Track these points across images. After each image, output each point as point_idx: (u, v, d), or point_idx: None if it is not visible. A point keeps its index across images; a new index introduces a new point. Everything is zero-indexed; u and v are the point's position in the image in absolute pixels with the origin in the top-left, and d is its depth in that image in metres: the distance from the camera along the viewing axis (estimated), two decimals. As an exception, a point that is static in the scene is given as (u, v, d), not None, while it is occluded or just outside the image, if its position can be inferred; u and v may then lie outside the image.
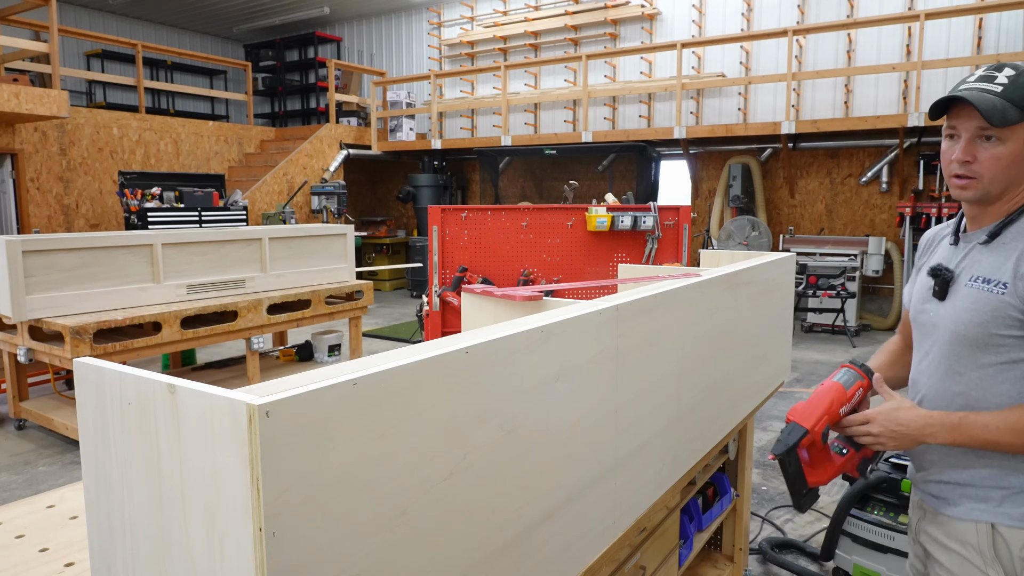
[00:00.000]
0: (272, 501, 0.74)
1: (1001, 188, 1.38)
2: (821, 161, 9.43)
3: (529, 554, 1.22)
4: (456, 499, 1.02)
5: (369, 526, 0.86)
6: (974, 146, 1.37)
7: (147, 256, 4.64)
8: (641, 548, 2.00)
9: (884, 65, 8.42)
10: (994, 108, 1.31)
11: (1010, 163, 1.35)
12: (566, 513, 1.33)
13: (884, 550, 2.68)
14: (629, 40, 10.86)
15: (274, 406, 0.73)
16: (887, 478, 2.72)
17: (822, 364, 6.96)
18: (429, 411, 0.95)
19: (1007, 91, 1.33)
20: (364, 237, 12.29)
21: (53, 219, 9.25)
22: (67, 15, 12.10)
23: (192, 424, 0.82)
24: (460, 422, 1.01)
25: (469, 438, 1.03)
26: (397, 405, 0.89)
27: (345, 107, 13.07)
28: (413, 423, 0.92)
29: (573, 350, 1.29)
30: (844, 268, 8.11)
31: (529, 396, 1.17)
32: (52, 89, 7.70)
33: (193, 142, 10.94)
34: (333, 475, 0.81)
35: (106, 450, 1.02)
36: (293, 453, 0.76)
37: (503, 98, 10.81)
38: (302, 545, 0.78)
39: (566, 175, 11.15)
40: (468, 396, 1.02)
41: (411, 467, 0.92)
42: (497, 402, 1.09)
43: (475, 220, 4.58)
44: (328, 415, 0.80)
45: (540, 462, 1.23)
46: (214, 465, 0.80)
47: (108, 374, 0.98)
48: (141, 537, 0.97)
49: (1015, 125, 1.33)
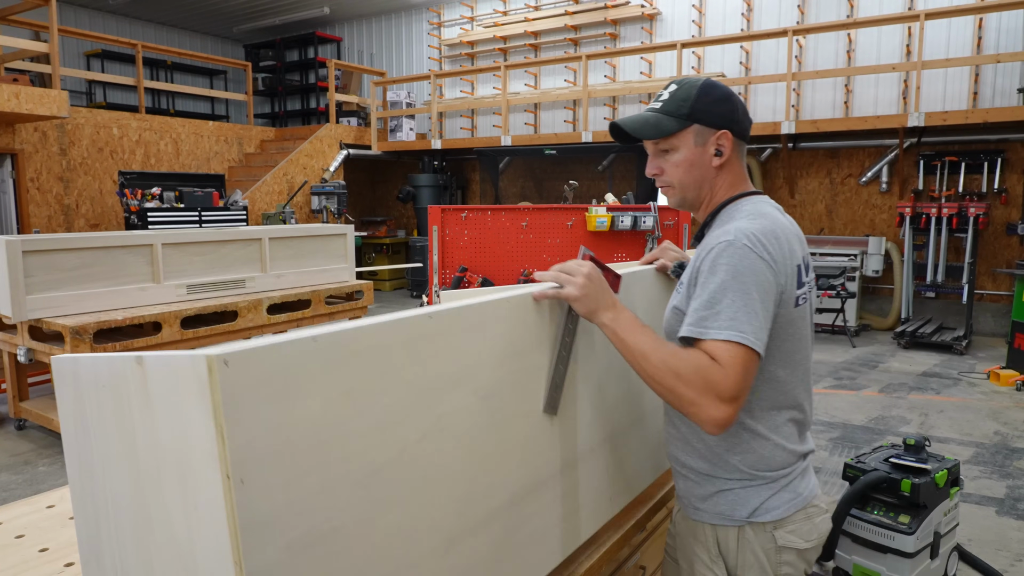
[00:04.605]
0: (238, 448, 0.76)
1: (695, 191, 1.48)
2: (821, 161, 9.42)
3: (519, 525, 1.23)
4: (434, 462, 1.03)
5: (343, 481, 0.88)
6: (659, 159, 1.49)
7: (147, 256, 4.63)
8: (641, 548, 2.00)
9: (884, 65, 8.41)
10: (646, 124, 1.44)
11: (689, 166, 1.45)
12: (557, 485, 1.34)
13: (884, 550, 2.68)
14: (629, 40, 10.86)
15: (232, 356, 0.76)
16: (887, 478, 2.72)
17: (822, 364, 6.96)
18: (396, 372, 0.97)
19: (665, 105, 1.45)
20: (364, 237, 12.28)
21: (53, 219, 9.24)
22: (67, 15, 12.09)
23: (160, 389, 0.85)
24: (431, 384, 1.03)
25: (442, 401, 1.05)
26: (361, 364, 0.92)
27: (345, 107, 13.07)
28: (380, 383, 0.95)
29: (543, 320, 1.31)
30: (844, 268, 8.11)
31: (505, 365, 1.19)
32: (52, 89, 7.70)
33: (193, 142, 10.93)
34: (301, 428, 0.83)
35: (86, 440, 1.04)
36: (256, 403, 0.78)
37: (503, 98, 10.81)
38: (273, 495, 0.80)
39: (566, 175, 11.15)
40: (436, 360, 1.04)
41: (382, 426, 0.95)
42: (469, 368, 1.11)
43: (475, 220, 4.58)
44: (290, 369, 0.82)
45: (523, 433, 1.24)
46: (183, 423, 0.81)
47: (83, 363, 1.01)
48: (125, 520, 0.98)
49: (679, 132, 1.44)
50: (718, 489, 1.46)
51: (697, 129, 1.44)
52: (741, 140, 1.48)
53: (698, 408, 1.24)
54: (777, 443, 1.44)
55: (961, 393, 5.91)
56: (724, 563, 1.47)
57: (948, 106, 8.46)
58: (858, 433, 4.89)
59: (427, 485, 1.03)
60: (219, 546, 0.79)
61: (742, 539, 1.45)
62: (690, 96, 1.44)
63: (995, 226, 8.27)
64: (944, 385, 6.16)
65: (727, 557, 1.47)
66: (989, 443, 4.68)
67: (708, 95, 1.44)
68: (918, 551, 2.65)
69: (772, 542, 1.44)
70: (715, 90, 1.45)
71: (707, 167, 1.46)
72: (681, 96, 1.44)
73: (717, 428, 1.25)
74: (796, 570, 1.47)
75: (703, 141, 1.44)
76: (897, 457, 2.83)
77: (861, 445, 4.63)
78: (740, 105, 1.47)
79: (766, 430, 1.43)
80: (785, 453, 1.45)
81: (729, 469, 1.45)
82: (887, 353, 7.48)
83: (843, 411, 5.41)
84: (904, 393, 5.91)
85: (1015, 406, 5.53)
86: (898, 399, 5.73)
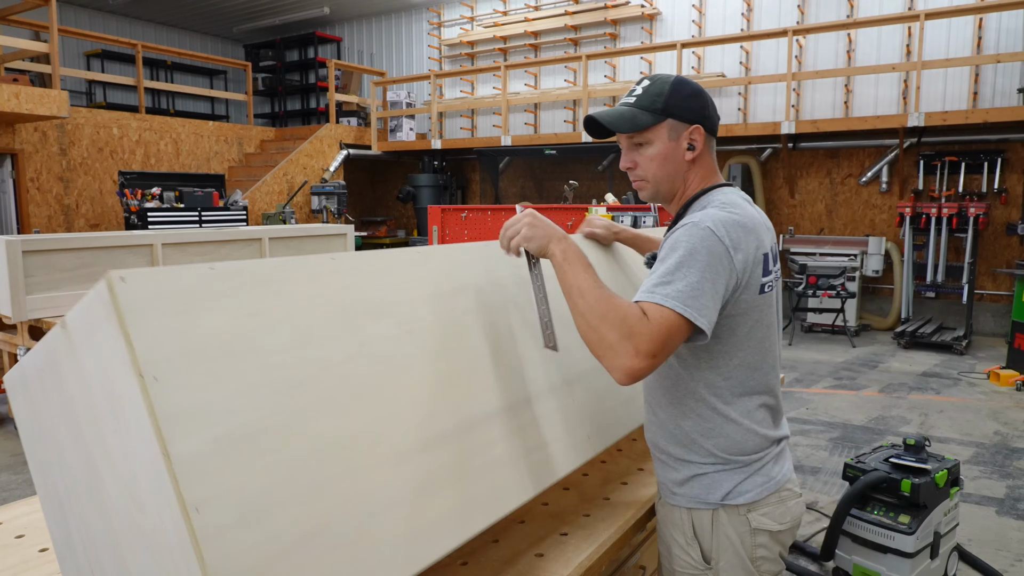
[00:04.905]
0: (146, 350, 0.86)
1: (669, 184, 1.51)
2: (821, 161, 9.43)
3: (474, 451, 1.28)
4: (366, 382, 1.11)
5: (264, 389, 0.97)
6: (633, 153, 1.51)
7: (147, 256, 4.64)
8: (641, 548, 2.00)
9: (884, 65, 8.41)
10: (621, 118, 1.47)
11: (663, 160, 1.49)
12: (511, 420, 1.40)
13: (884, 550, 2.68)
14: (629, 40, 10.86)
15: (128, 274, 0.88)
16: (887, 478, 2.73)
17: (822, 364, 6.96)
18: (308, 300, 1.08)
19: (639, 100, 1.48)
20: (364, 237, 12.28)
21: (53, 219, 9.24)
22: (67, 15, 12.09)
23: (81, 333, 0.95)
24: (347, 314, 1.13)
25: (363, 329, 1.14)
26: (267, 292, 1.03)
27: (345, 107, 13.07)
28: (290, 308, 1.05)
29: (463, 271, 1.44)
30: (844, 268, 8.11)
31: (428, 305, 1.29)
32: (52, 89, 7.70)
33: (193, 142, 10.93)
34: (209, 338, 0.93)
35: (40, 433, 1.13)
36: (159, 315, 0.89)
37: (503, 98, 10.81)
38: (190, 392, 0.89)
39: (566, 175, 11.15)
40: (348, 293, 1.14)
41: (300, 345, 1.04)
42: (386, 303, 1.22)
43: (475, 220, 4.58)
44: (190, 289, 0.94)
45: (461, 367, 1.32)
46: (101, 351, 0.91)
47: (26, 362, 1.11)
48: (81, 490, 1.06)
49: (653, 127, 1.47)
50: (693, 474, 1.50)
51: (671, 123, 1.47)
52: (711, 135, 1.51)
53: (614, 353, 1.26)
54: (749, 428, 1.48)
55: (961, 393, 5.91)
56: (699, 546, 1.51)
57: (948, 106, 8.46)
58: (858, 433, 4.89)
59: (361, 402, 1.09)
60: (147, 442, 0.86)
61: (716, 522, 1.49)
62: (663, 91, 1.47)
63: (995, 226, 8.28)
64: (944, 385, 6.17)
65: (702, 540, 1.51)
66: (989, 443, 4.68)
67: (680, 91, 1.47)
68: (918, 551, 2.66)
69: (746, 525, 1.48)
70: (687, 86, 1.48)
71: (680, 161, 1.49)
72: (655, 91, 1.47)
73: (627, 378, 1.27)
74: (770, 552, 1.51)
75: (676, 135, 1.48)
76: (897, 457, 2.83)
77: (861, 445, 4.63)
78: (710, 101, 1.51)
79: (738, 415, 1.47)
80: (758, 438, 1.49)
81: (703, 453, 1.49)
82: (887, 353, 7.48)
83: (843, 411, 5.41)
84: (904, 393, 5.92)
85: (1015, 406, 5.53)
86: (898, 399, 5.74)
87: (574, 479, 1.96)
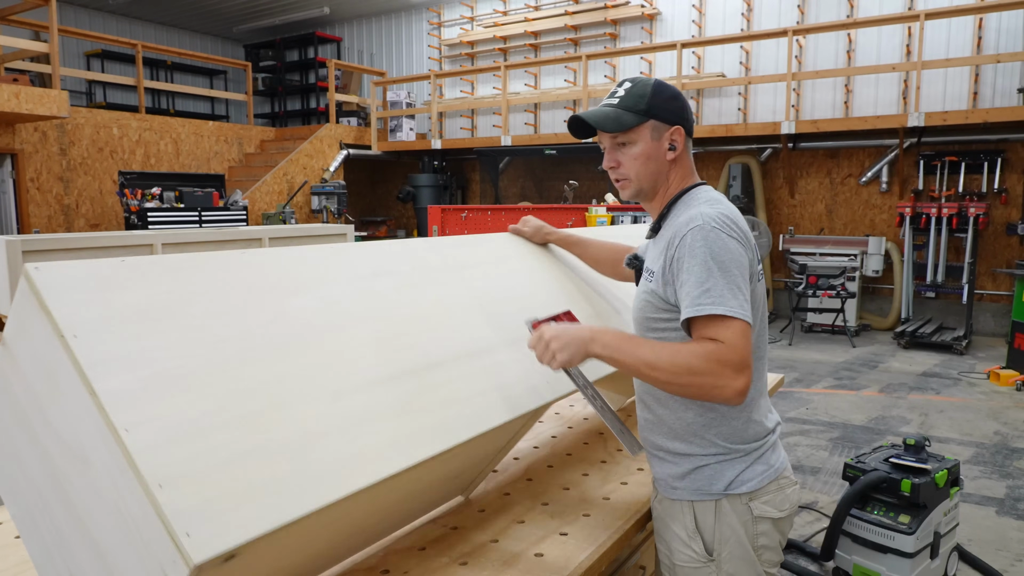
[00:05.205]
0: (64, 317, 0.98)
1: (651, 183, 1.56)
2: (821, 161, 9.42)
3: (420, 392, 1.36)
4: (291, 339, 1.22)
5: (185, 344, 1.07)
6: (616, 153, 1.56)
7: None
8: (641, 548, 2.00)
9: (884, 65, 8.41)
10: (607, 118, 1.52)
11: (646, 159, 1.53)
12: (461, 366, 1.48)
13: (884, 550, 2.68)
14: (629, 40, 10.86)
15: (42, 264, 1.02)
16: (887, 478, 2.73)
17: (822, 364, 6.96)
18: (223, 282, 1.20)
19: (623, 101, 1.53)
20: (364, 237, 12.27)
21: (53, 219, 9.24)
22: (67, 15, 12.09)
23: (15, 338, 1.07)
24: (265, 291, 1.25)
25: (284, 302, 1.26)
26: (178, 276, 1.15)
27: (345, 107, 13.07)
28: (206, 287, 1.17)
29: (383, 260, 1.56)
30: (844, 268, 8.11)
31: (347, 283, 1.41)
32: (52, 89, 7.70)
33: (193, 142, 10.93)
34: (126, 308, 1.05)
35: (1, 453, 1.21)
36: (74, 292, 1.01)
37: (503, 98, 10.81)
38: (109, 346, 0.99)
39: (566, 175, 11.15)
40: (265, 277, 1.27)
41: (219, 314, 1.15)
42: (306, 284, 1.33)
43: (475, 220, 4.58)
44: (103, 276, 1.06)
45: (393, 329, 1.41)
46: (32, 341, 1.02)
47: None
48: (46, 494, 1.13)
49: (637, 127, 1.52)
50: (695, 466, 1.53)
51: (653, 124, 1.52)
52: (689, 136, 1.58)
53: (721, 389, 1.32)
54: (750, 416, 1.52)
55: (961, 393, 5.91)
56: (702, 539, 1.53)
57: (948, 106, 8.46)
58: (858, 433, 4.89)
59: (288, 352, 1.19)
60: (76, 389, 0.95)
61: (719, 512, 1.52)
62: (646, 93, 1.52)
63: (995, 226, 8.27)
64: (944, 385, 6.17)
65: (704, 532, 1.53)
66: (989, 443, 4.68)
67: (661, 93, 1.53)
68: (918, 551, 2.65)
69: (748, 513, 1.51)
70: (667, 89, 1.55)
71: (662, 160, 1.55)
72: (637, 93, 1.53)
73: (742, 397, 1.34)
74: (771, 540, 1.55)
75: (659, 136, 1.53)
76: (897, 457, 2.83)
77: (861, 445, 4.63)
78: (688, 104, 1.58)
79: (751, 398, 1.51)
80: (757, 426, 1.54)
81: (705, 445, 1.52)
82: (887, 353, 7.48)
83: (843, 411, 5.41)
84: (904, 393, 5.91)
85: (1015, 406, 5.53)
86: (898, 399, 5.74)
87: (574, 479, 1.96)
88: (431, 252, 1.67)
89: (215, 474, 0.97)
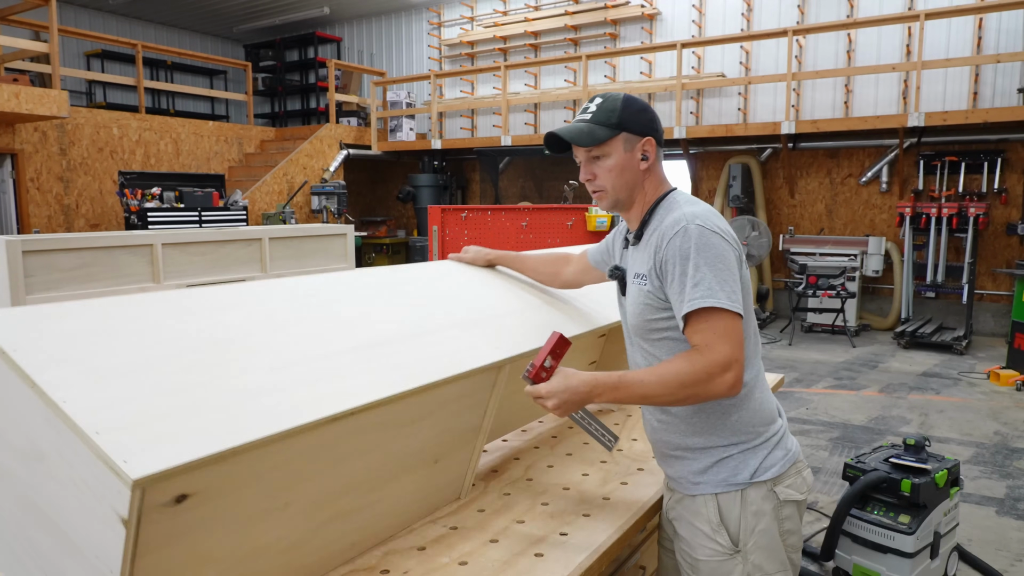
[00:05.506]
0: (4, 338, 1.14)
1: (627, 193, 1.63)
2: (821, 161, 9.42)
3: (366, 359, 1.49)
4: (221, 339, 1.37)
5: (122, 350, 1.22)
6: (591, 165, 1.63)
7: (147, 256, 4.63)
8: (641, 548, 2.00)
9: (884, 65, 8.41)
10: (580, 133, 1.59)
11: (621, 170, 1.60)
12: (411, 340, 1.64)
13: (884, 550, 2.68)
14: (629, 40, 10.86)
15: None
16: (887, 478, 2.73)
17: (822, 364, 6.96)
18: (155, 310, 1.39)
19: (595, 116, 1.60)
20: (364, 237, 12.27)
21: (53, 219, 9.24)
22: (67, 15, 12.08)
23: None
24: (196, 312, 1.43)
25: (216, 316, 1.44)
26: (107, 310, 1.34)
27: (345, 107, 13.06)
28: (137, 314, 1.35)
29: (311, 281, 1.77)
30: (844, 268, 8.11)
31: (276, 300, 1.58)
32: (52, 89, 7.70)
33: (193, 142, 10.93)
34: (60, 331, 1.21)
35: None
36: (12, 324, 1.19)
37: (503, 98, 10.81)
38: (47, 353, 1.13)
39: (566, 175, 11.14)
40: (195, 302, 1.47)
41: (153, 328, 1.31)
42: (236, 304, 1.52)
43: (475, 220, 4.58)
44: (37, 311, 1.26)
45: (324, 326, 1.56)
46: None
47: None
48: (21, 519, 1.23)
49: (610, 140, 1.58)
50: (717, 459, 1.58)
51: (625, 136, 1.59)
52: (660, 147, 1.65)
53: (715, 388, 1.42)
54: (762, 393, 1.61)
55: (961, 393, 5.91)
56: (727, 531, 1.56)
57: (948, 106, 8.46)
58: (858, 433, 4.89)
59: (221, 347, 1.34)
60: (19, 389, 1.09)
61: (745, 502, 1.56)
62: (616, 107, 1.59)
63: (995, 226, 8.27)
64: (944, 385, 6.17)
65: (729, 524, 1.56)
66: (989, 443, 4.68)
67: (631, 107, 1.60)
68: (918, 551, 2.66)
69: (774, 499, 1.57)
70: (636, 102, 1.62)
71: (636, 171, 1.61)
72: (608, 107, 1.60)
73: (736, 388, 1.43)
74: (795, 524, 1.60)
75: (631, 147, 1.60)
76: (897, 457, 2.83)
77: (861, 445, 4.63)
78: (656, 116, 1.65)
79: (751, 380, 1.58)
80: (771, 406, 1.62)
81: (726, 435, 1.57)
82: (887, 353, 7.48)
83: (843, 411, 5.41)
84: (904, 393, 5.91)
85: (1015, 406, 5.53)
86: (898, 399, 5.74)
87: (574, 479, 1.96)
88: (368, 275, 1.88)
89: (152, 424, 1.08)
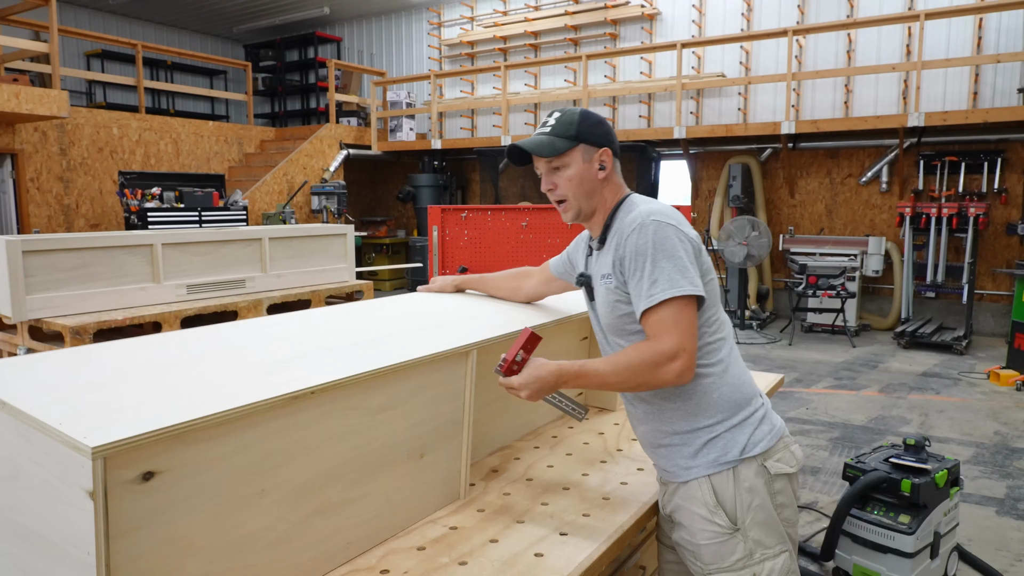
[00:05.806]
0: None
1: (588, 201, 1.71)
2: (821, 161, 9.42)
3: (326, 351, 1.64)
4: (183, 363, 1.49)
5: (96, 375, 1.37)
6: (552, 176, 1.71)
7: (147, 256, 4.63)
8: (641, 548, 2.00)
9: (884, 65, 8.41)
10: (541, 144, 1.67)
11: (580, 180, 1.69)
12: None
13: (884, 550, 2.68)
14: (629, 40, 10.86)
15: None
16: (887, 478, 2.73)
17: (822, 364, 6.96)
18: (121, 348, 1.65)
19: (555, 129, 1.68)
20: (364, 237, 12.27)
21: (53, 219, 9.24)
22: (67, 15, 12.08)
23: None
24: (162, 345, 1.66)
25: (182, 346, 1.68)
26: (74, 355, 1.55)
27: (345, 107, 13.06)
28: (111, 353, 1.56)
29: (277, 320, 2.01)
30: (844, 268, 8.11)
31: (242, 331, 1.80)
32: (52, 89, 7.70)
33: (193, 142, 10.93)
34: (32, 372, 1.37)
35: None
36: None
37: (503, 98, 10.81)
38: (22, 380, 1.29)
39: (566, 175, 11.13)
40: (161, 339, 1.70)
41: (117, 355, 1.52)
42: (201, 339, 1.74)
43: (475, 220, 4.58)
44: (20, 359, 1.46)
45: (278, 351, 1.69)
46: None
47: None
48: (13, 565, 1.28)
49: (569, 151, 1.67)
50: (706, 440, 1.63)
51: (584, 148, 1.68)
52: (616, 157, 1.73)
53: (662, 375, 1.50)
54: (737, 368, 1.67)
55: (961, 393, 5.91)
56: (724, 510, 1.59)
57: (948, 106, 8.46)
58: (858, 433, 4.89)
59: (186, 368, 1.45)
60: None
61: (738, 479, 1.60)
62: (574, 120, 1.68)
63: (995, 226, 8.27)
64: (944, 385, 6.17)
65: (725, 503, 1.60)
66: (989, 443, 4.68)
67: (588, 120, 1.69)
68: (918, 551, 2.66)
69: (765, 473, 1.62)
70: (592, 116, 1.71)
71: (594, 180, 1.70)
72: (567, 121, 1.68)
73: (684, 377, 1.52)
74: (788, 497, 1.65)
75: (589, 158, 1.69)
76: (897, 457, 2.83)
77: (861, 445, 4.63)
78: (612, 128, 1.75)
79: (725, 356, 1.65)
80: (748, 379, 1.69)
81: (712, 412, 1.62)
82: (887, 353, 7.48)
83: (843, 411, 5.41)
84: (904, 393, 5.91)
85: (1015, 406, 5.53)
86: (898, 399, 5.74)
87: (574, 479, 1.97)
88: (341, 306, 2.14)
89: (110, 413, 1.16)
